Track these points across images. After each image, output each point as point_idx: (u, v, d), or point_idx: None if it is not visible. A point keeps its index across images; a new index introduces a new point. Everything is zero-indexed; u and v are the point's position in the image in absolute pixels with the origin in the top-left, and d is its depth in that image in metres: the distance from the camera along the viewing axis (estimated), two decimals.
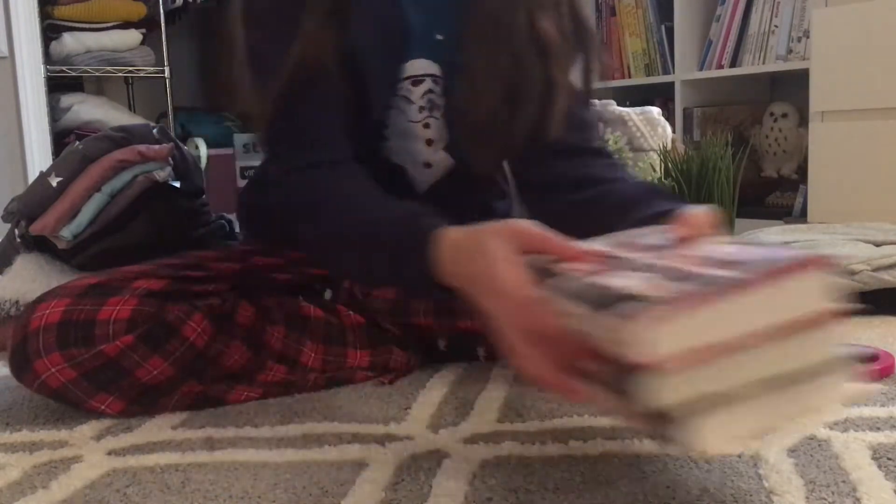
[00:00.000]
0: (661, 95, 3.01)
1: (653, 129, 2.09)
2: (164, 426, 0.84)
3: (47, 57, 2.84)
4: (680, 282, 0.53)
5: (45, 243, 1.25)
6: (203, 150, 2.59)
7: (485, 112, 0.91)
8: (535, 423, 0.80)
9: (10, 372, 0.86)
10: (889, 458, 0.67)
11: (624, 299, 0.53)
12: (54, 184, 1.23)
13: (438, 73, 0.94)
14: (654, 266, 0.59)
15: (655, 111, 2.12)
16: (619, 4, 3.20)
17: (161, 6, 2.98)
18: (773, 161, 2.86)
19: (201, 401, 0.89)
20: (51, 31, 2.86)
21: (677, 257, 0.61)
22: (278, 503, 0.64)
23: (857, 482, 0.62)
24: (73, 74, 2.90)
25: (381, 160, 0.96)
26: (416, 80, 0.94)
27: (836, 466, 0.65)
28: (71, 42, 2.85)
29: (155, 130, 1.32)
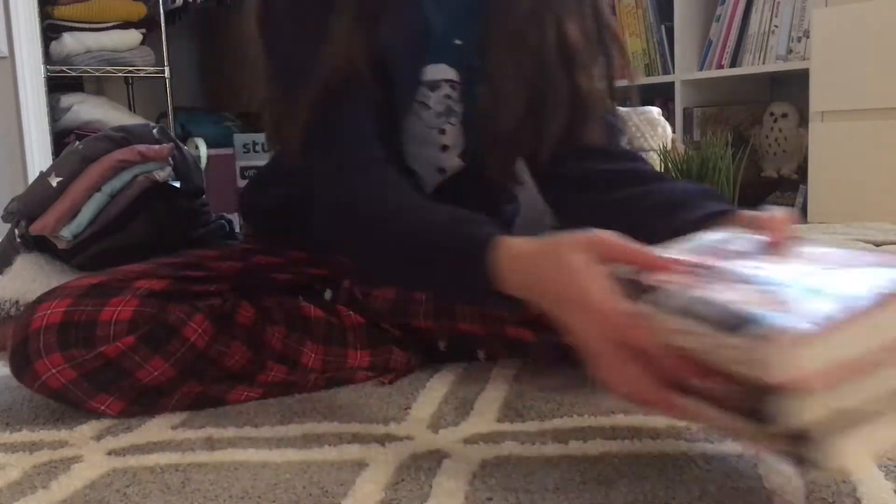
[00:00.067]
0: (661, 95, 3.01)
1: (653, 129, 2.09)
2: (164, 426, 0.84)
3: (47, 57, 2.84)
4: (805, 299, 0.53)
5: (45, 243, 1.25)
6: (203, 150, 2.59)
7: (511, 121, 0.89)
8: (535, 423, 0.80)
9: (11, 372, 0.86)
10: (889, 458, 0.67)
11: (752, 319, 0.52)
12: (54, 184, 1.23)
13: (456, 79, 0.93)
14: (756, 277, 0.58)
15: (655, 111, 2.12)
16: (619, 4, 3.20)
17: (161, 6, 2.99)
18: (773, 161, 2.87)
19: (201, 401, 0.89)
20: (51, 31, 2.86)
21: (777, 266, 0.60)
22: (278, 503, 0.64)
23: (857, 482, 0.62)
24: (73, 74, 2.90)
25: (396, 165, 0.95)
26: (433, 85, 0.93)
27: (836, 466, 0.65)
28: (71, 42, 2.85)
29: (155, 130, 1.32)
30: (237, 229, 1.38)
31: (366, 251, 0.83)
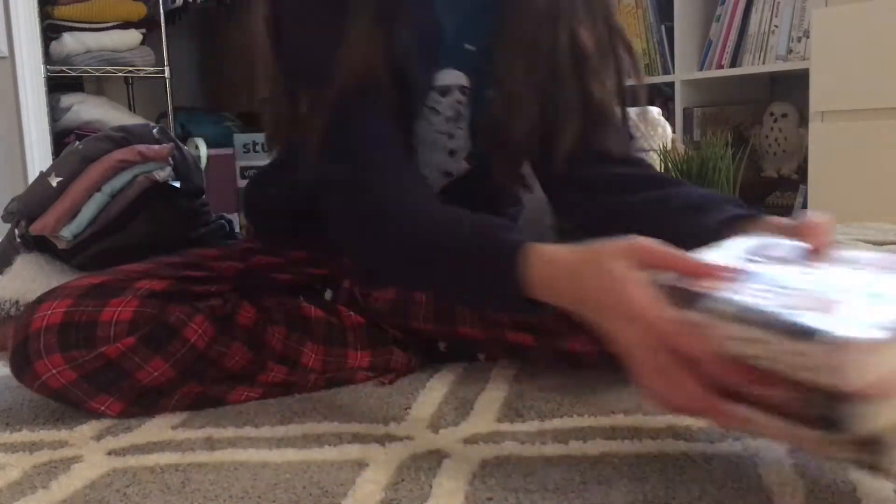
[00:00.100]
0: (661, 95, 3.01)
1: (653, 129, 2.09)
2: (164, 426, 0.84)
3: (47, 57, 2.85)
4: (866, 305, 0.53)
5: (45, 243, 1.25)
6: (203, 150, 2.59)
7: (523, 126, 0.89)
8: (535, 423, 0.80)
9: (11, 371, 0.86)
10: None
11: (819, 326, 0.51)
12: (54, 184, 1.23)
13: (466, 84, 0.93)
14: (807, 282, 0.58)
15: (655, 111, 2.12)
16: (619, 4, 3.20)
17: (161, 6, 2.99)
18: (773, 161, 2.87)
19: (201, 401, 0.89)
20: (51, 31, 2.86)
21: (825, 271, 0.59)
22: (278, 503, 0.64)
23: (857, 482, 0.62)
24: (73, 74, 2.90)
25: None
26: (444, 91, 0.92)
27: (836, 466, 0.65)
28: (71, 42, 2.86)
29: (155, 130, 1.32)
30: (237, 229, 1.38)
31: (387, 254, 0.81)
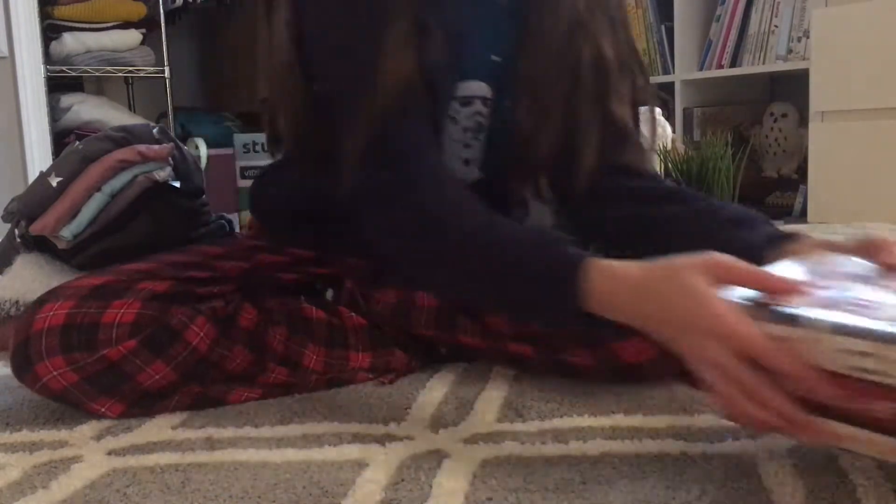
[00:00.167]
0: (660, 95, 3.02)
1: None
2: (164, 426, 0.84)
3: (47, 57, 2.84)
4: None
5: (45, 243, 1.25)
6: (203, 150, 2.59)
7: (549, 141, 0.89)
8: (535, 423, 0.80)
9: (11, 371, 0.86)
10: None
11: None
12: (54, 184, 1.23)
13: (489, 95, 0.92)
14: (888, 299, 0.58)
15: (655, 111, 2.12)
16: None
17: (161, 6, 2.99)
18: (773, 161, 2.86)
19: (201, 401, 0.89)
20: (51, 31, 2.86)
21: None
22: (278, 503, 0.64)
23: (856, 482, 0.62)
24: (73, 74, 2.90)
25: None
26: (466, 101, 0.92)
27: (835, 466, 0.65)
28: (71, 42, 2.85)
29: (155, 130, 1.32)
30: (237, 229, 1.38)
31: (435, 262, 0.78)
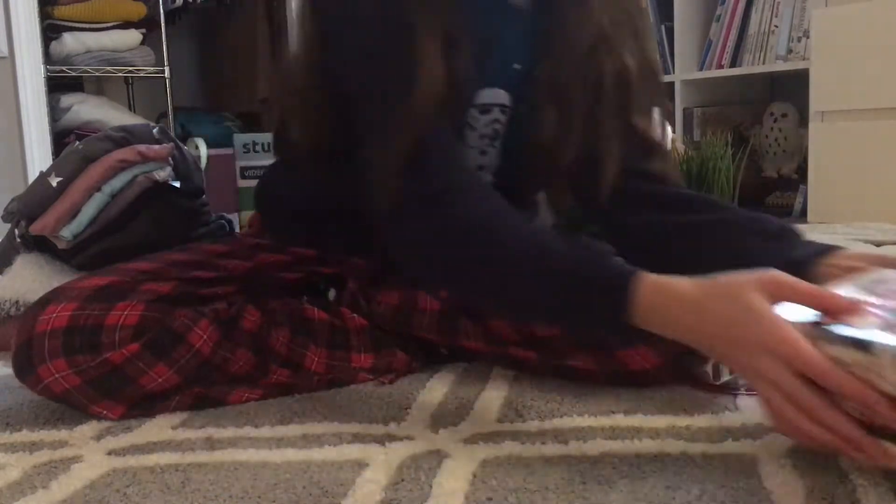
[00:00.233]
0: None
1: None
2: (164, 426, 0.84)
3: (47, 57, 2.85)
4: None
5: (45, 243, 1.25)
6: (203, 150, 2.59)
7: (572, 151, 0.89)
8: (535, 423, 0.80)
9: (13, 371, 0.86)
10: None
11: None
12: (54, 184, 1.23)
13: (508, 104, 0.92)
14: None
15: (656, 111, 2.12)
16: None
17: (161, 6, 2.99)
18: (773, 161, 2.86)
19: (202, 401, 0.88)
20: (51, 31, 2.86)
21: None
22: (278, 503, 0.64)
23: (856, 482, 0.62)
24: (73, 74, 2.90)
25: None
26: (485, 109, 0.92)
27: (835, 466, 0.65)
28: (71, 42, 2.86)
29: (155, 130, 1.32)
30: (237, 229, 1.38)
31: (477, 274, 0.77)
